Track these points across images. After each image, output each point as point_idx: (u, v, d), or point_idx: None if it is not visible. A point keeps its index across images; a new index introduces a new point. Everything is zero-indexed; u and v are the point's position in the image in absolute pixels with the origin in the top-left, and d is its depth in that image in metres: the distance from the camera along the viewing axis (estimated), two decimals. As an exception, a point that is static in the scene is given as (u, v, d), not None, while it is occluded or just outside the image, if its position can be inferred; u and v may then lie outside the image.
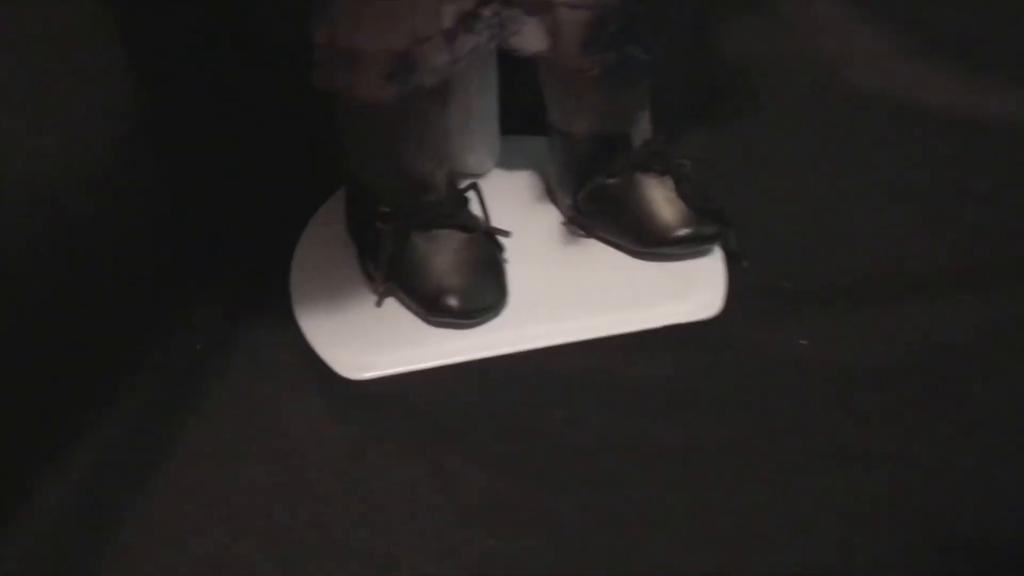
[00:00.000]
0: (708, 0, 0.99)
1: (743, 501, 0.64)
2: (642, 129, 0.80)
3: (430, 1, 0.66)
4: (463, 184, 0.81)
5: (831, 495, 0.63)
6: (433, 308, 0.75)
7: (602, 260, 0.82)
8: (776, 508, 0.63)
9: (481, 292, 0.76)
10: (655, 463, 0.66)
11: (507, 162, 0.91)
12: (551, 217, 0.85)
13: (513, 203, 0.86)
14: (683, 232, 0.78)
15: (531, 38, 0.73)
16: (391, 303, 0.78)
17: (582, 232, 0.83)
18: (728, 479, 0.65)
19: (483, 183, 0.83)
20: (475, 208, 0.80)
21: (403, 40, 0.66)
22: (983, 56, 0.99)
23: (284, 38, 0.71)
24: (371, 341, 0.75)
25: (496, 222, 0.80)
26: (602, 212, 0.81)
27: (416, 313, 0.77)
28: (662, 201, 0.78)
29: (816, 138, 0.94)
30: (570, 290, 0.79)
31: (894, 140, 0.94)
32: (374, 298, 0.78)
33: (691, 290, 0.79)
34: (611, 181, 0.79)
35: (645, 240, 0.79)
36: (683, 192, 0.78)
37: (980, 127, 0.93)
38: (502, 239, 0.79)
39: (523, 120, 0.94)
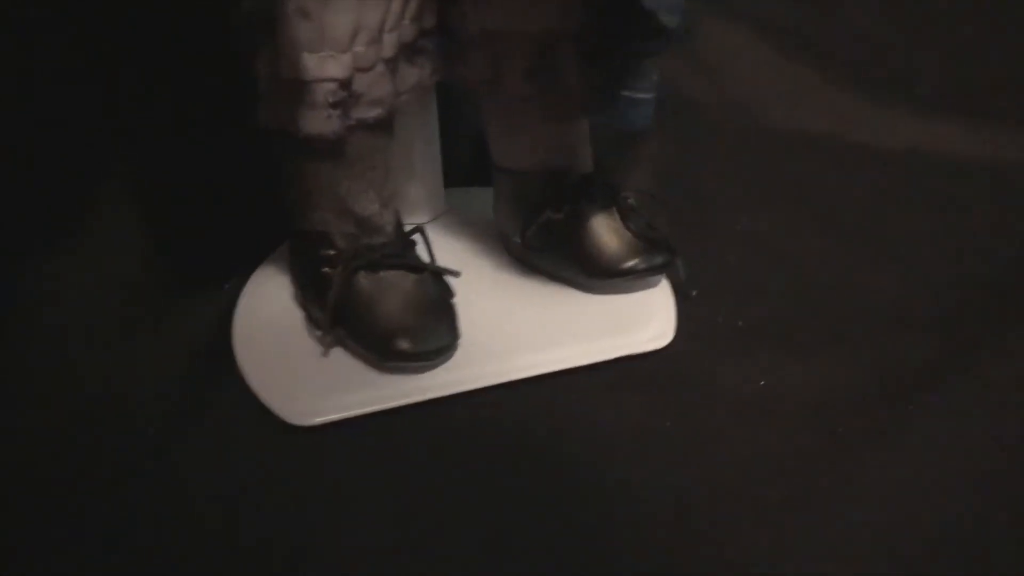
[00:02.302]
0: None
1: (725, 535, 0.62)
2: (585, 163, 0.81)
3: (371, 30, 0.66)
4: (409, 227, 0.80)
5: (815, 532, 0.62)
6: (385, 352, 0.73)
7: (552, 296, 0.81)
8: (759, 547, 0.62)
9: (433, 333, 0.74)
10: (617, 502, 0.65)
11: (451, 211, 0.92)
12: (498, 257, 0.85)
13: (459, 247, 0.86)
14: (631, 263, 0.78)
15: (474, 69, 0.73)
16: (339, 351, 0.76)
17: (531, 268, 0.83)
18: (704, 519, 0.64)
19: (429, 230, 0.82)
20: (421, 252, 0.79)
21: (345, 69, 0.66)
22: (903, 89, 1.03)
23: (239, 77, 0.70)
24: (319, 387, 0.73)
25: (443, 264, 0.79)
26: (549, 247, 0.80)
27: (367, 360, 0.75)
28: (609, 233, 0.79)
29: (748, 175, 0.97)
30: (521, 327, 0.78)
31: (823, 175, 0.97)
32: (320, 348, 0.76)
33: (642, 321, 0.79)
34: (557, 216, 0.79)
35: (594, 272, 0.79)
36: (629, 224, 0.79)
37: (907, 159, 0.97)
38: (451, 280, 0.78)
39: (466, 173, 0.95)
